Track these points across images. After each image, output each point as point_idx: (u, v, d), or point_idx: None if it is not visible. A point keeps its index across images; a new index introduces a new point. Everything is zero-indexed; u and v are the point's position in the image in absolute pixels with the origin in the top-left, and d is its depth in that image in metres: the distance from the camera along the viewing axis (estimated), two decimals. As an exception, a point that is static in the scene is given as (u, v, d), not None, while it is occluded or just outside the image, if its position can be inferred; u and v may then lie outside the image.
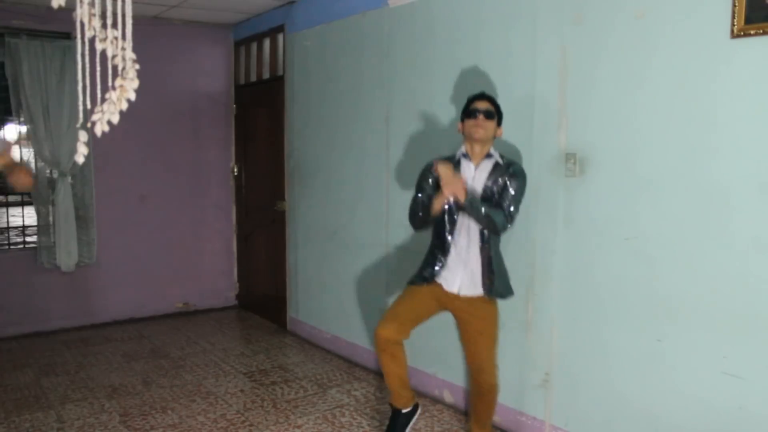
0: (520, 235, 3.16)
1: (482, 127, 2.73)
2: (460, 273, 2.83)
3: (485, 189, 2.76)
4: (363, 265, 4.30)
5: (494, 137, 2.82)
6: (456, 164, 2.81)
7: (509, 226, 2.75)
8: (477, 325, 2.86)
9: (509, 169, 2.76)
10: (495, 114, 2.79)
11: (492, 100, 2.81)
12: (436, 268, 2.87)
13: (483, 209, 2.67)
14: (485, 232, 2.76)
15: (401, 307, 2.93)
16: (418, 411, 3.11)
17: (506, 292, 2.87)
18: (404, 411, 3.02)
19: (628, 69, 2.70)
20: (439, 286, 2.88)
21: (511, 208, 2.73)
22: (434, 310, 2.96)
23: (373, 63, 4.10)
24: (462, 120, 2.83)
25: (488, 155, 2.80)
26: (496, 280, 2.81)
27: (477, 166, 2.80)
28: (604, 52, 2.79)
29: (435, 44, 3.63)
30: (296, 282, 5.11)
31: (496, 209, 2.70)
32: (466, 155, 2.83)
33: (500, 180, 2.75)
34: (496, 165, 2.78)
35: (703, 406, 2.50)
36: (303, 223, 4.96)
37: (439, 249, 2.87)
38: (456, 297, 2.85)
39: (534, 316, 3.15)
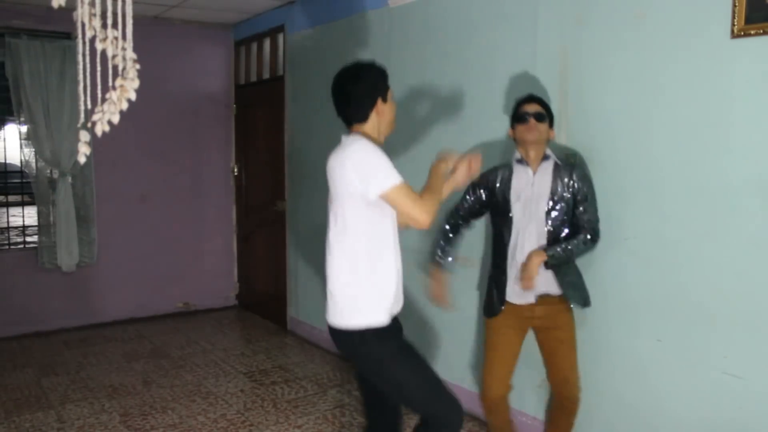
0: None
1: (535, 129, 2.61)
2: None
3: (556, 196, 2.62)
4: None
5: (548, 140, 2.69)
6: (509, 173, 2.70)
7: (598, 237, 2.65)
8: (556, 334, 2.72)
9: (574, 174, 2.64)
10: (546, 116, 2.66)
11: (541, 102, 2.69)
12: (504, 287, 2.72)
13: (570, 252, 2.59)
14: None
15: (497, 363, 2.76)
16: None
17: (585, 299, 2.74)
18: None
19: (628, 69, 2.70)
20: (512, 306, 2.71)
21: (596, 218, 2.65)
22: (520, 340, 2.79)
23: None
24: (512, 125, 2.71)
25: (545, 157, 2.67)
26: (572, 280, 2.68)
27: (536, 171, 2.66)
28: (605, 53, 2.79)
29: (435, 44, 3.63)
30: (296, 282, 5.11)
31: (577, 241, 2.59)
32: (521, 160, 2.69)
33: (569, 183, 2.62)
34: (556, 166, 2.65)
35: (703, 406, 2.50)
36: (303, 223, 4.96)
37: (500, 264, 2.74)
38: (530, 308, 2.69)
39: (534, 316, 3.15)
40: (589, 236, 2.62)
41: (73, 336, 5.07)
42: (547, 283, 2.66)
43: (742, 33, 2.29)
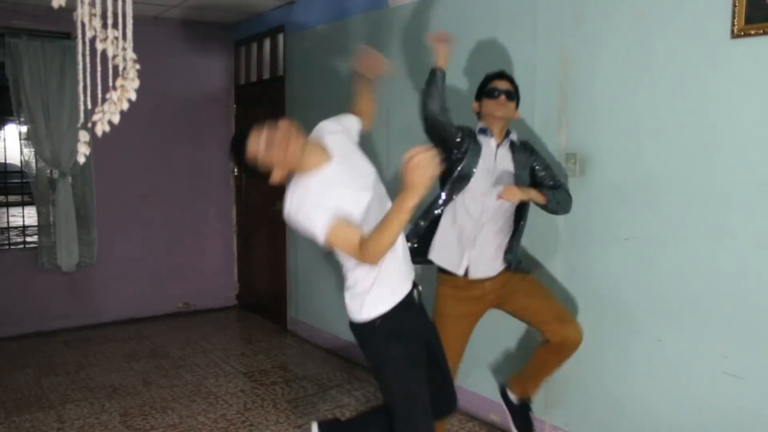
0: (520, 235, 3.15)
1: (504, 106, 2.60)
2: (473, 253, 2.64)
3: (521, 168, 2.64)
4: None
5: (512, 118, 2.69)
6: (473, 138, 2.64)
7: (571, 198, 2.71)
8: (518, 292, 2.67)
9: (528, 148, 2.71)
10: (515, 95, 2.65)
11: (512, 80, 2.67)
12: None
13: (560, 201, 2.62)
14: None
15: (448, 350, 2.59)
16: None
17: (519, 260, 2.75)
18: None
19: (628, 69, 2.70)
20: (460, 287, 2.68)
21: (562, 181, 2.72)
22: (473, 324, 2.74)
23: (373, 63, 4.09)
24: (478, 98, 2.69)
25: (507, 133, 2.67)
26: (515, 249, 2.69)
27: (499, 144, 2.65)
28: (605, 53, 2.79)
29: (435, 44, 3.62)
30: (296, 282, 5.11)
31: (559, 192, 2.64)
32: (484, 130, 2.66)
33: (527, 157, 2.67)
34: (512, 145, 2.68)
35: (703, 406, 2.50)
36: (303, 223, 4.96)
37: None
38: (479, 287, 2.66)
39: (534, 316, 3.15)
40: (565, 190, 2.67)
41: (73, 336, 5.06)
42: (490, 264, 2.65)
43: (742, 33, 2.29)
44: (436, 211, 2.70)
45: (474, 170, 2.61)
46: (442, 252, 2.71)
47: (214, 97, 5.76)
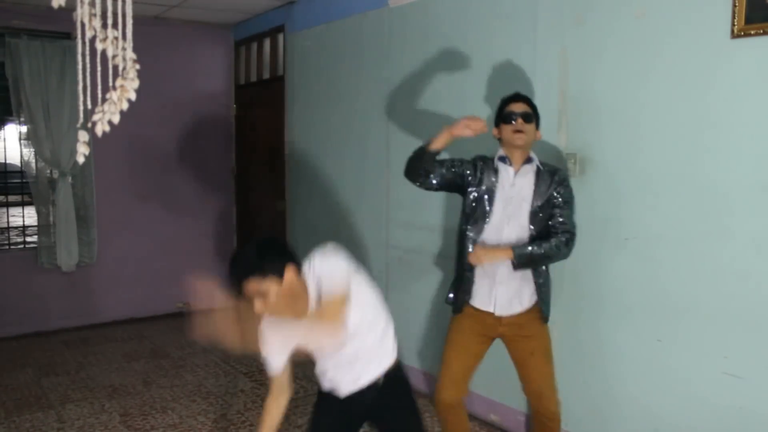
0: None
1: (523, 131, 2.51)
2: (500, 289, 2.57)
3: (540, 198, 2.53)
4: (363, 265, 4.29)
5: (534, 141, 2.59)
6: (495, 170, 2.58)
7: (573, 243, 2.53)
8: (526, 344, 2.61)
9: (555, 177, 2.54)
10: (533, 116, 2.56)
11: (529, 101, 2.58)
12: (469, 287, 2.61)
13: (543, 258, 2.48)
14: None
15: (455, 362, 2.65)
16: None
17: (548, 313, 2.64)
18: None
19: (628, 69, 2.70)
20: (476, 310, 2.63)
21: (573, 223, 2.54)
22: (483, 347, 2.69)
23: (373, 63, 4.10)
24: (497, 124, 2.60)
25: (528, 160, 2.57)
26: (545, 289, 2.59)
27: (517, 171, 2.56)
28: (605, 53, 2.79)
29: (435, 44, 3.63)
30: (296, 282, 5.10)
31: (550, 245, 2.47)
32: (504, 158, 2.58)
33: (550, 187, 2.53)
34: (539, 171, 2.56)
35: (703, 406, 2.50)
36: (303, 223, 4.96)
37: (464, 264, 2.60)
38: (497, 319, 2.60)
39: (534, 316, 3.14)
40: (564, 239, 2.50)
41: (73, 336, 5.06)
42: (518, 300, 2.58)
43: (742, 33, 2.29)
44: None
45: (489, 206, 2.55)
46: (476, 295, 2.64)
47: (214, 97, 5.76)
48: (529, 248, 2.47)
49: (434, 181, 2.57)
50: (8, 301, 4.98)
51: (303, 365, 2.26)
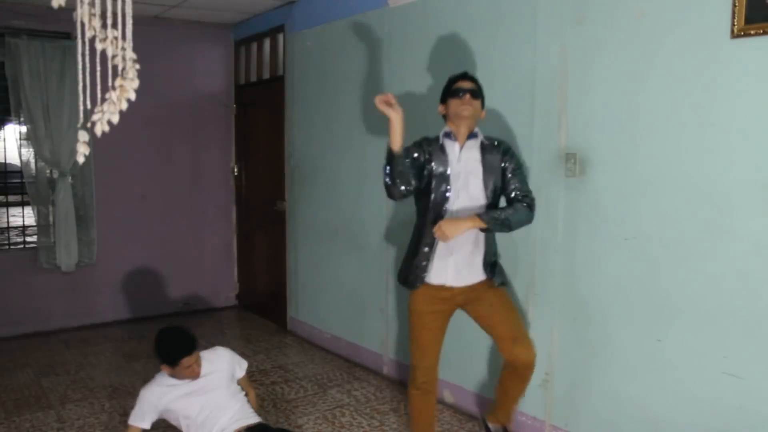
0: (520, 235, 3.15)
1: (470, 104, 2.62)
2: (452, 260, 2.65)
3: (488, 170, 2.63)
4: (363, 265, 4.30)
5: (478, 119, 2.69)
6: (441, 146, 2.67)
7: (535, 207, 2.65)
8: (484, 302, 2.69)
9: (501, 149, 2.66)
10: (480, 94, 2.67)
11: (476, 80, 2.69)
12: (424, 264, 2.67)
13: (510, 219, 2.55)
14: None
15: (428, 347, 2.74)
16: None
17: (504, 278, 2.77)
18: None
19: (628, 69, 2.70)
20: (431, 286, 2.69)
21: (528, 188, 2.65)
22: (446, 323, 2.77)
23: (373, 63, 4.10)
24: (444, 101, 2.71)
25: (472, 135, 2.67)
26: (497, 263, 2.70)
27: (462, 146, 2.66)
28: (605, 52, 2.79)
29: (435, 44, 3.63)
30: (296, 282, 5.11)
31: (514, 210, 2.57)
32: (449, 134, 2.68)
33: (498, 158, 2.64)
34: (483, 145, 2.67)
35: (703, 406, 2.50)
36: (303, 223, 4.96)
37: (421, 240, 2.69)
38: (451, 290, 2.68)
39: (534, 316, 3.15)
40: (526, 203, 2.61)
41: (73, 336, 5.06)
42: (469, 270, 2.66)
43: (742, 33, 2.29)
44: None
45: (442, 182, 2.62)
46: (430, 270, 2.70)
47: (214, 97, 5.76)
48: (495, 213, 2.57)
49: (413, 182, 2.61)
50: (8, 301, 4.98)
51: (301, 365, 2.26)
